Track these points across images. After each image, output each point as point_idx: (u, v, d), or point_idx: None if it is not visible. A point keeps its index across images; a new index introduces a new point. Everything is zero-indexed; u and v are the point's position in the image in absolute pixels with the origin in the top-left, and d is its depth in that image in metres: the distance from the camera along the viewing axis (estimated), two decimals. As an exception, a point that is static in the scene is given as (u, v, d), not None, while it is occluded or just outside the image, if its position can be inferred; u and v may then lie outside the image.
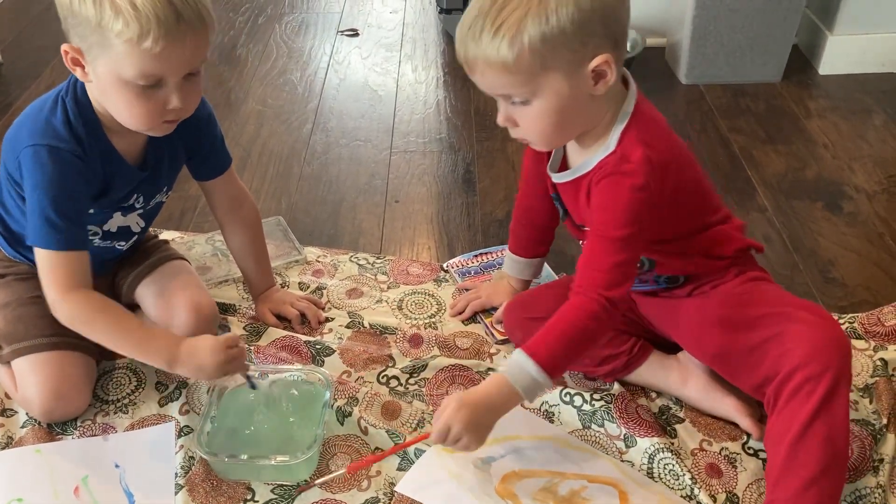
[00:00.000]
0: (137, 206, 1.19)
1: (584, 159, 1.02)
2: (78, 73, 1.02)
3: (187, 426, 1.16)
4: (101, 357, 1.23)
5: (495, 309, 1.34)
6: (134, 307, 1.28)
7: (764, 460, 1.09)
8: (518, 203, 1.28)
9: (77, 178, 1.05)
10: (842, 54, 2.10)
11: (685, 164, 1.04)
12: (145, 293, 1.26)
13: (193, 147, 1.21)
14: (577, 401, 1.17)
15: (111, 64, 0.97)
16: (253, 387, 1.13)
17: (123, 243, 1.24)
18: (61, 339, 1.14)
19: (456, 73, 2.22)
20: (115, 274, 1.29)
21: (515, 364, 0.99)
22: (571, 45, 0.89)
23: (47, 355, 1.14)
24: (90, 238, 1.17)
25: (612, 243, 0.97)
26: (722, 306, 1.07)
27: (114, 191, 1.13)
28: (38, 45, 2.40)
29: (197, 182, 1.27)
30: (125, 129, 1.06)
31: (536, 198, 1.22)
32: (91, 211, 1.13)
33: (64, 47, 1.00)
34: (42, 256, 1.06)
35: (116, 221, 1.19)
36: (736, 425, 1.13)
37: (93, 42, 0.96)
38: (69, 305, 1.06)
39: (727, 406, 1.13)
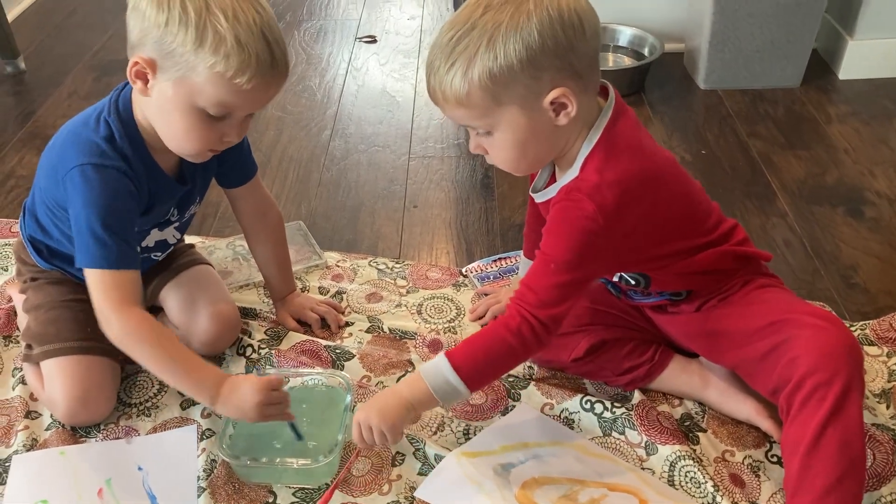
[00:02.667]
0: (173, 219, 1.20)
1: (558, 182, 1.02)
2: (137, 85, 1.00)
3: (209, 429, 1.17)
4: (126, 361, 1.24)
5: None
6: (157, 309, 1.30)
7: (787, 468, 1.08)
8: (529, 209, 1.29)
9: (125, 195, 1.05)
10: (862, 59, 2.09)
11: (666, 183, 1.01)
12: (170, 297, 1.27)
13: (223, 156, 1.20)
14: (598, 408, 1.17)
15: (187, 87, 0.97)
16: (299, 437, 1.10)
17: (159, 254, 1.25)
18: (91, 344, 1.15)
19: (474, 79, 2.22)
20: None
21: (433, 364, 1.01)
22: (522, 80, 0.90)
23: (75, 359, 1.15)
24: None
25: (552, 264, 0.97)
26: (730, 317, 1.06)
27: (158, 206, 1.13)
28: (60, 53, 2.43)
29: (223, 189, 1.28)
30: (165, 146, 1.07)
31: (537, 224, 1.22)
32: (135, 229, 1.13)
33: (135, 57, 0.98)
34: (94, 277, 1.04)
35: (154, 237, 1.20)
36: (758, 431, 1.13)
37: (176, 63, 0.96)
38: (122, 324, 1.03)
39: (747, 408, 1.12)
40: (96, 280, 1.04)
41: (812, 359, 0.94)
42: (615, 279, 1.13)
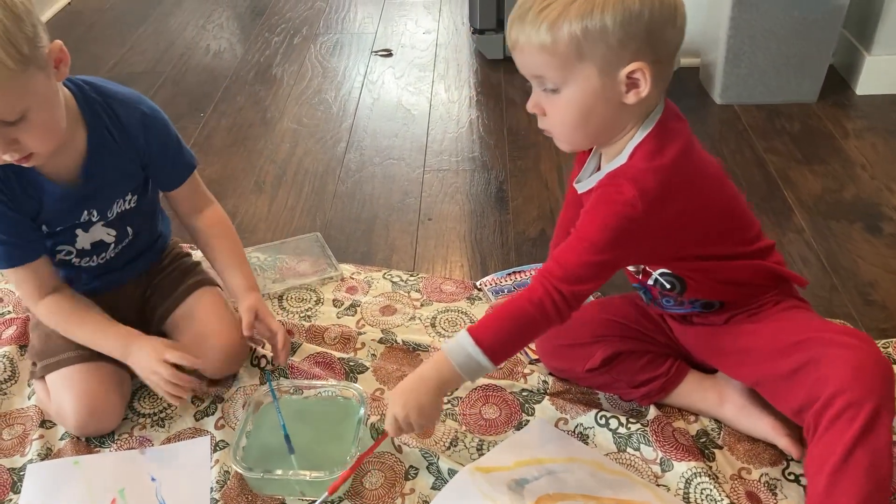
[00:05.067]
0: (94, 219, 1.16)
1: (603, 169, 1.02)
2: None
3: (223, 440, 1.17)
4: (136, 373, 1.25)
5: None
6: (165, 334, 1.28)
7: (805, 486, 1.07)
8: (560, 222, 1.28)
9: None
10: (879, 74, 2.08)
11: (711, 184, 1.02)
12: (175, 327, 1.25)
13: (145, 157, 1.17)
14: (613, 423, 1.16)
15: None
16: (290, 450, 1.11)
17: (105, 255, 1.22)
18: (90, 351, 1.16)
19: (489, 93, 2.23)
20: (144, 295, 1.29)
21: (455, 340, 0.99)
22: (610, 41, 0.89)
23: (78, 368, 1.15)
24: (66, 258, 1.18)
25: (585, 243, 0.96)
26: (760, 333, 1.05)
27: (50, 208, 1.11)
28: (78, 66, 2.42)
29: (163, 193, 1.25)
30: None
31: (576, 220, 1.22)
32: (45, 230, 1.13)
33: None
34: (6, 274, 1.13)
35: (85, 239, 1.18)
36: (775, 448, 1.11)
37: None
38: (39, 313, 1.16)
39: (765, 426, 1.11)
40: (9, 277, 1.16)
41: (844, 378, 0.93)
42: (650, 282, 1.11)
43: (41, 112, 0.99)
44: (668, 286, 1.09)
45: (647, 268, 1.09)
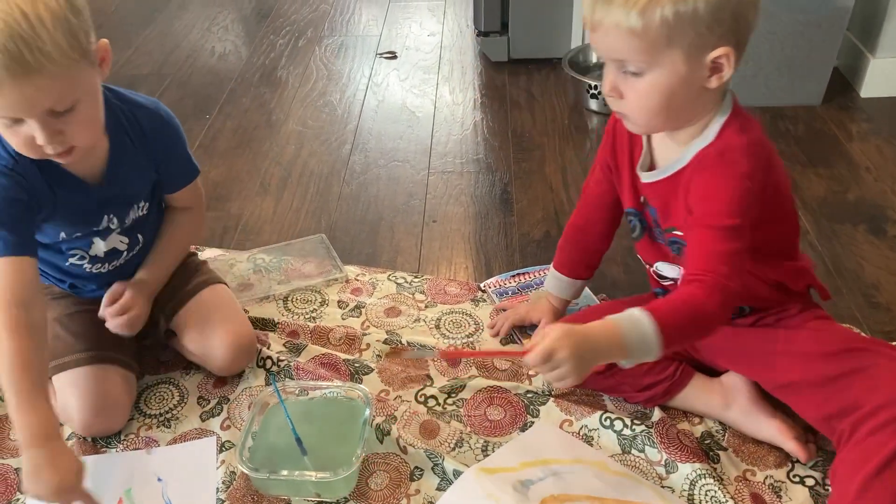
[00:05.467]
0: (113, 226, 1.18)
1: (680, 154, 1.00)
2: None
3: (228, 441, 1.18)
4: (144, 372, 1.25)
5: (534, 328, 1.34)
6: (171, 333, 1.28)
7: (810, 488, 1.07)
8: (572, 222, 1.28)
9: (10, 188, 1.04)
10: (884, 77, 2.08)
11: (781, 166, 1.03)
12: (183, 325, 1.25)
13: (160, 163, 1.19)
14: (618, 425, 1.16)
15: None
16: (303, 452, 1.09)
17: (117, 262, 1.22)
18: (98, 352, 1.16)
19: (493, 95, 2.23)
20: (153, 301, 1.28)
21: (630, 316, 0.92)
22: (699, 27, 0.88)
23: (85, 370, 1.16)
24: (78, 262, 1.18)
25: (721, 232, 0.94)
26: (796, 339, 1.06)
27: (66, 205, 1.11)
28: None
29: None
30: None
31: (593, 221, 1.23)
32: (63, 235, 1.14)
33: None
34: None
35: (100, 247, 1.19)
36: (780, 451, 1.12)
37: None
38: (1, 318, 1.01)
39: (771, 428, 1.11)
40: None
41: (894, 391, 0.94)
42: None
43: (88, 105, 1.01)
44: None
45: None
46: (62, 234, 1.14)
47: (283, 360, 1.28)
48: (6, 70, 0.90)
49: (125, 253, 1.22)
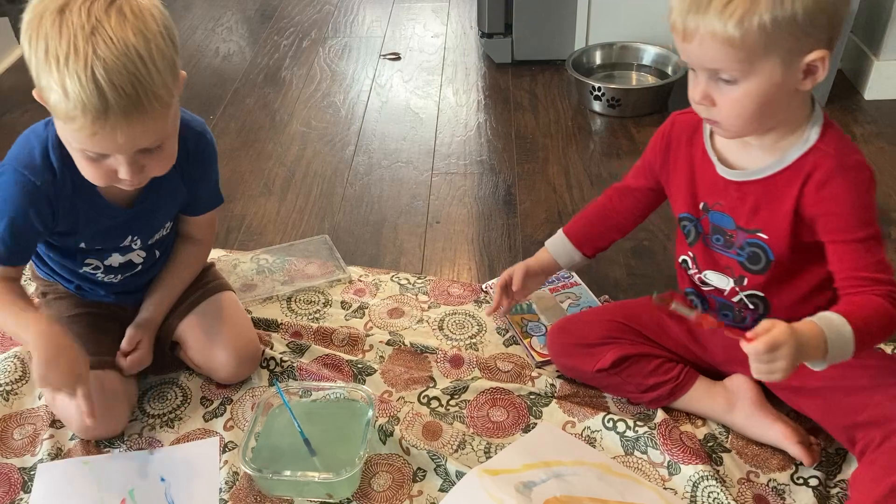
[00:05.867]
0: (135, 246, 1.19)
1: (775, 158, 0.99)
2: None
3: (231, 442, 1.18)
4: (148, 372, 1.25)
5: (536, 330, 1.35)
6: (175, 345, 1.28)
7: (814, 488, 1.07)
8: (599, 202, 1.26)
9: (33, 214, 1.05)
10: (888, 79, 2.07)
11: None
12: (187, 333, 1.25)
13: (192, 188, 1.19)
14: (620, 427, 1.16)
15: (58, 126, 0.97)
16: (312, 452, 1.11)
17: (129, 273, 1.23)
18: (100, 357, 1.16)
19: (497, 97, 2.23)
20: None
21: (832, 321, 0.92)
22: (797, 32, 0.87)
23: None
24: (91, 272, 1.19)
25: (867, 242, 0.95)
26: None
27: (87, 224, 1.11)
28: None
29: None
30: None
31: (619, 210, 1.24)
32: (82, 245, 1.14)
33: (34, 92, 0.95)
34: None
35: (116, 259, 1.19)
36: (783, 453, 1.11)
37: (45, 100, 0.93)
38: None
39: (776, 432, 1.11)
40: None
41: None
42: (734, 299, 1.11)
43: (172, 142, 1.02)
44: (751, 306, 1.10)
45: (737, 287, 1.10)
46: (82, 244, 1.14)
47: (286, 361, 1.28)
48: (121, 111, 0.89)
49: (140, 266, 1.23)
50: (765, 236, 1.03)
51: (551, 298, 1.44)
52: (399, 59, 2.49)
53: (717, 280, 1.11)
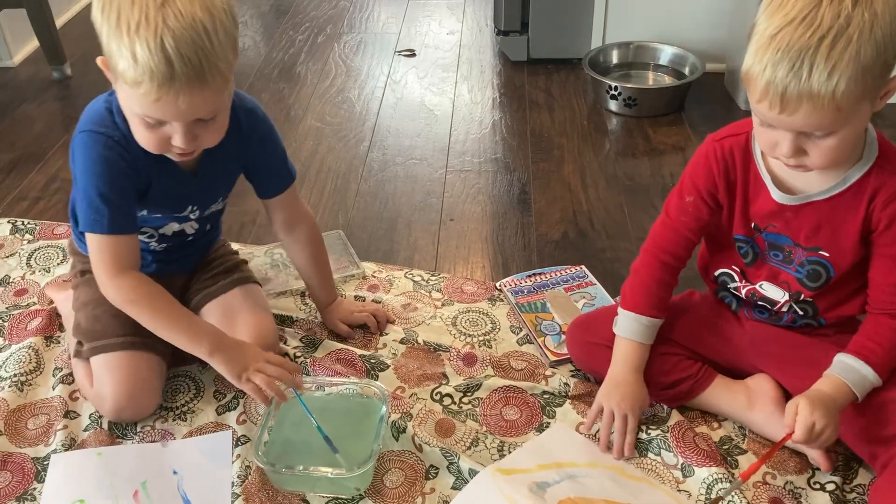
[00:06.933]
0: (193, 216, 1.22)
1: (838, 178, 0.99)
2: (111, 79, 1.04)
3: (244, 436, 1.18)
4: (173, 362, 1.25)
5: (550, 329, 1.34)
6: None
7: (831, 492, 1.06)
8: (660, 244, 1.16)
9: (119, 163, 1.08)
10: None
11: None
12: (212, 312, 1.26)
13: (250, 164, 1.22)
14: (634, 427, 1.15)
15: (121, 93, 1.01)
16: (334, 449, 1.11)
17: (178, 242, 1.25)
18: (138, 339, 1.17)
19: (512, 95, 2.23)
20: (187, 284, 1.31)
21: (850, 369, 1.01)
22: (885, 72, 0.87)
23: (122, 355, 1.17)
24: (145, 239, 1.20)
25: None
26: None
27: (159, 189, 1.14)
28: (106, 59, 2.47)
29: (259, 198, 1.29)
30: None
31: (679, 256, 1.16)
32: (144, 212, 1.15)
33: (98, 59, 1.02)
34: (90, 240, 1.11)
35: (172, 227, 1.22)
36: (801, 456, 1.11)
37: (112, 66, 0.99)
38: (115, 287, 1.11)
39: (796, 434, 1.10)
40: (92, 244, 1.11)
41: None
42: (784, 308, 1.11)
43: (225, 113, 1.06)
44: (800, 312, 1.10)
45: (792, 300, 1.10)
46: (144, 212, 1.16)
47: (299, 357, 1.28)
48: (185, 80, 0.94)
49: (191, 237, 1.26)
50: (826, 254, 1.04)
51: (566, 297, 1.43)
52: (414, 55, 2.48)
53: (773, 292, 1.11)
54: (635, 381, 1.14)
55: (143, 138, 1.04)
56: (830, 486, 1.07)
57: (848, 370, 1.01)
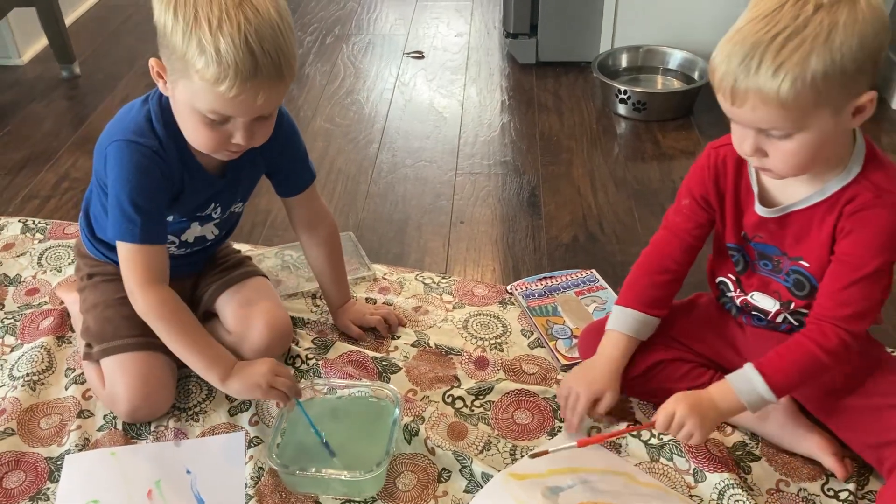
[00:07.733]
0: (214, 216, 1.22)
1: (815, 189, 0.99)
2: (160, 84, 1.07)
3: (257, 437, 1.18)
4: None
5: (561, 333, 1.34)
6: (211, 315, 1.30)
7: (844, 501, 1.06)
8: (659, 249, 1.18)
9: (155, 173, 1.09)
10: (917, 89, 2.06)
11: None
12: (226, 303, 1.28)
13: (273, 162, 1.23)
14: (645, 434, 1.15)
15: (188, 92, 1.01)
16: (332, 454, 1.12)
17: (198, 248, 1.27)
18: (147, 339, 1.18)
19: (521, 97, 2.23)
20: (196, 282, 1.32)
21: (743, 377, 1.01)
22: (846, 83, 0.87)
23: (134, 355, 1.17)
24: (167, 246, 1.20)
25: (864, 275, 0.96)
26: (860, 365, 1.06)
27: (189, 195, 1.15)
28: (114, 58, 2.48)
29: (280, 197, 1.30)
30: None
31: (678, 261, 1.17)
32: (170, 218, 1.16)
33: (151, 61, 1.04)
34: (121, 249, 1.11)
35: (193, 231, 1.22)
36: (815, 464, 1.11)
37: (176, 67, 1.00)
38: (145, 299, 1.11)
39: (810, 443, 1.10)
40: (123, 254, 1.11)
41: None
42: (779, 318, 1.12)
43: (275, 112, 1.08)
44: (795, 323, 1.11)
45: (783, 310, 1.10)
46: (169, 218, 1.17)
47: (311, 359, 1.29)
48: (267, 74, 0.97)
49: (210, 242, 1.27)
50: (806, 264, 1.04)
51: (577, 301, 1.43)
52: (423, 57, 2.49)
53: (765, 302, 1.12)
54: (601, 365, 1.16)
55: (202, 137, 1.05)
56: (844, 494, 1.07)
57: (742, 380, 1.01)
